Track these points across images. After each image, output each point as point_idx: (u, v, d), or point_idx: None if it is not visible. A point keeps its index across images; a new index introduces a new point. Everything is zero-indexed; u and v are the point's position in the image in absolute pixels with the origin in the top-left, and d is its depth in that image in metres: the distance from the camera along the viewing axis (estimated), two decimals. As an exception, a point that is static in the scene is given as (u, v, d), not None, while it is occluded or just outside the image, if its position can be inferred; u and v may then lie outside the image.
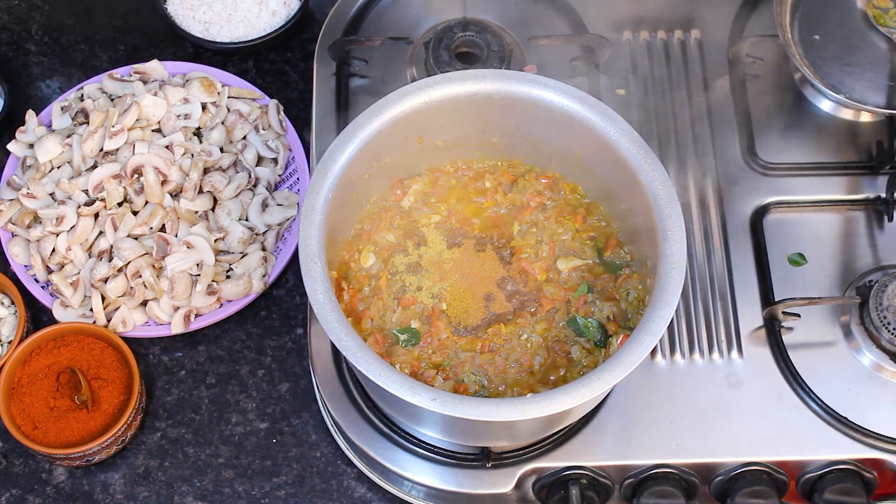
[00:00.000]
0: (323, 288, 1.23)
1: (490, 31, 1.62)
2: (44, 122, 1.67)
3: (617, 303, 1.35)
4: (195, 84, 1.65)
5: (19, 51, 1.79)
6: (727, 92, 1.63)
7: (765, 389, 1.45)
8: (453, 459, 1.42)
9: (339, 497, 1.51)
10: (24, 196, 1.57)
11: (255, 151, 1.64)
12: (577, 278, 1.38)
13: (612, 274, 1.38)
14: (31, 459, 1.52)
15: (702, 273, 1.52)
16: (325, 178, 1.30)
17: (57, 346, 1.51)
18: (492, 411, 1.18)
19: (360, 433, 1.44)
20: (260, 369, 1.58)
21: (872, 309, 1.45)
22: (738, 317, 1.49)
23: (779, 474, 1.41)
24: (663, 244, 1.26)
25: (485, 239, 1.41)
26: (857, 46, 1.58)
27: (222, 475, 1.52)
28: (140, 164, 1.55)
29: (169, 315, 1.55)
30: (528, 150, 1.43)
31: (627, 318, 1.35)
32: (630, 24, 1.68)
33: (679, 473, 1.41)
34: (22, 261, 1.59)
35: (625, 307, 1.35)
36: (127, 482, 1.51)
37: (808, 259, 1.53)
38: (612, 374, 1.19)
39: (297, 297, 1.62)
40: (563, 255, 1.39)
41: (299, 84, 1.76)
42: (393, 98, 1.33)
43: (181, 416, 1.55)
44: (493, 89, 1.34)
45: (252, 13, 1.73)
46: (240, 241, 1.57)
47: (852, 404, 1.44)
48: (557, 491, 1.40)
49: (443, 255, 1.39)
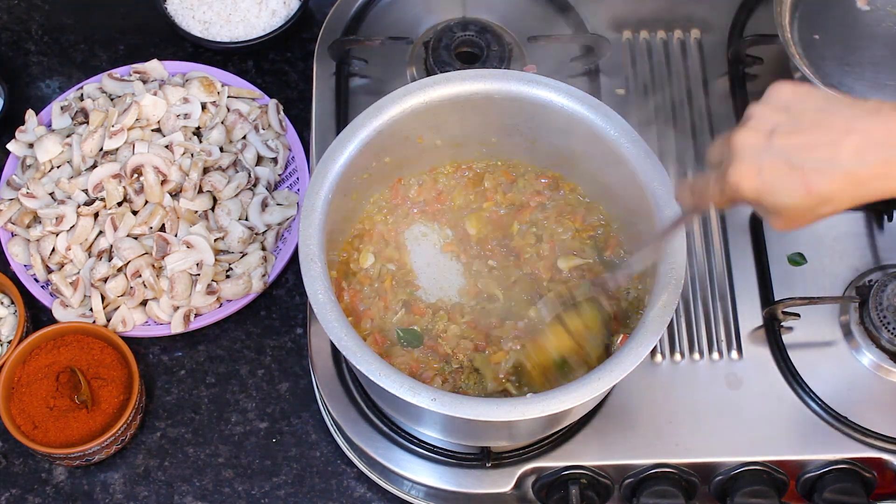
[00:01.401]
0: (323, 288, 1.23)
1: (490, 31, 1.62)
2: (44, 121, 1.67)
3: (617, 301, 1.35)
4: (195, 84, 1.65)
5: (19, 51, 1.79)
6: (727, 92, 1.63)
7: (765, 389, 1.45)
8: (453, 459, 1.42)
9: (338, 497, 1.51)
10: (23, 196, 1.57)
11: (255, 151, 1.64)
12: (578, 277, 1.38)
13: (613, 273, 1.38)
14: (31, 459, 1.52)
15: (702, 273, 1.52)
16: (324, 179, 1.30)
17: (57, 346, 1.51)
18: (491, 411, 1.18)
19: (359, 433, 1.44)
20: (260, 369, 1.58)
21: (872, 309, 1.45)
22: (737, 317, 1.49)
23: (778, 474, 1.41)
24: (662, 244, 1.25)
25: (484, 239, 1.41)
26: (857, 46, 1.58)
27: (222, 475, 1.52)
28: (140, 164, 1.55)
29: (169, 315, 1.55)
30: (527, 150, 1.43)
31: (628, 317, 1.35)
32: (630, 24, 1.68)
33: (679, 473, 1.40)
34: (22, 260, 1.59)
35: (625, 306, 1.35)
36: (127, 482, 1.51)
37: (808, 259, 1.53)
38: (611, 375, 1.19)
39: (297, 297, 1.62)
40: (563, 254, 1.39)
41: (299, 84, 1.76)
42: (392, 98, 1.33)
43: (181, 416, 1.55)
44: (493, 89, 1.34)
45: (252, 13, 1.73)
46: (240, 240, 1.57)
47: (852, 404, 1.44)
48: (557, 491, 1.40)
49: (441, 258, 1.40)
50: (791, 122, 1.03)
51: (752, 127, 1.05)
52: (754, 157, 1.03)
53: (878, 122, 1.01)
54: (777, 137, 1.03)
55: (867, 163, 1.00)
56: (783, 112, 1.04)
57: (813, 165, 1.01)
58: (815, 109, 1.03)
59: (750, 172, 1.04)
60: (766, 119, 1.04)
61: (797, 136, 1.02)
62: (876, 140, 1.00)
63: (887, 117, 1.01)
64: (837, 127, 1.01)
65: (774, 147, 1.03)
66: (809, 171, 1.01)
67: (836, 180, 1.01)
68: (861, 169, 1.00)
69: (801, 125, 1.03)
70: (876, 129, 1.01)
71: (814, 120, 1.03)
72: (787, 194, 1.02)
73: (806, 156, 1.01)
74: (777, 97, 1.06)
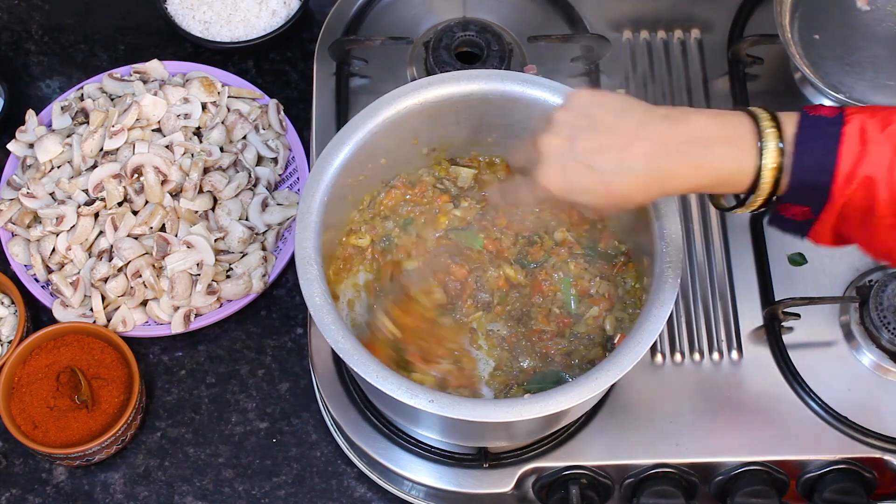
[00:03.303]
0: (319, 290, 1.23)
1: (490, 31, 1.62)
2: (44, 121, 1.67)
3: (613, 286, 1.35)
4: (195, 84, 1.65)
5: (19, 51, 1.79)
6: (727, 92, 1.63)
7: (765, 389, 1.45)
8: (453, 459, 1.42)
9: (338, 497, 1.51)
10: (24, 196, 1.57)
11: (255, 151, 1.64)
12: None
13: (608, 263, 1.38)
14: (31, 459, 1.53)
15: (702, 273, 1.52)
16: (320, 181, 1.30)
17: (57, 346, 1.51)
18: (489, 412, 1.18)
19: (360, 433, 1.44)
20: (260, 369, 1.58)
21: (872, 309, 1.45)
22: (738, 316, 1.49)
23: (779, 474, 1.41)
24: (659, 243, 1.25)
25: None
26: (857, 46, 1.58)
27: (222, 475, 1.52)
28: (140, 164, 1.55)
29: (169, 315, 1.55)
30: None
31: (625, 303, 1.35)
32: (630, 23, 1.68)
33: (679, 473, 1.40)
34: (22, 260, 1.59)
35: (622, 294, 1.36)
36: (127, 482, 1.51)
37: (808, 259, 1.52)
38: (609, 375, 1.19)
39: (297, 297, 1.62)
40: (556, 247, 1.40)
41: (299, 84, 1.76)
42: (387, 99, 1.33)
43: (181, 416, 1.55)
44: (489, 89, 1.34)
45: (252, 13, 1.73)
46: (240, 240, 1.57)
47: (852, 404, 1.44)
48: (557, 490, 1.40)
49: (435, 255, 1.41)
50: (590, 126, 1.10)
51: (556, 132, 1.11)
52: (558, 160, 1.11)
53: (666, 129, 1.09)
54: (577, 141, 1.10)
55: (654, 166, 1.08)
56: (585, 117, 1.11)
57: (608, 168, 1.09)
58: (612, 113, 1.11)
59: (556, 174, 1.11)
60: (569, 124, 1.11)
61: (594, 140, 1.09)
62: (662, 144, 1.08)
63: (674, 122, 1.09)
64: (629, 132, 1.09)
65: (576, 150, 1.10)
66: (605, 172, 1.09)
67: (629, 182, 1.09)
68: (650, 172, 1.09)
69: (599, 129, 1.10)
70: (663, 134, 1.09)
71: (610, 124, 1.10)
72: (590, 193, 1.11)
73: (602, 159, 1.09)
74: (577, 102, 1.13)
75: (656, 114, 1.10)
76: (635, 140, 1.08)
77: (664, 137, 1.08)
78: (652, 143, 1.08)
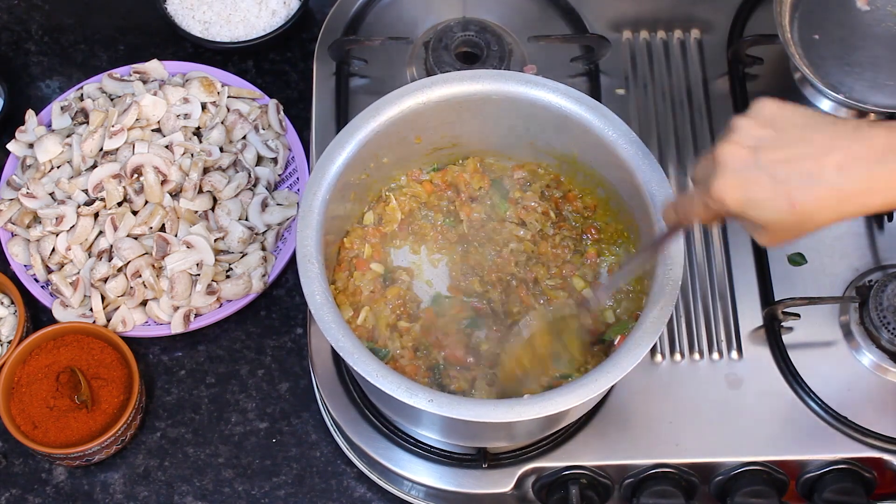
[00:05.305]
0: (320, 289, 1.23)
1: (490, 31, 1.62)
2: (44, 121, 1.67)
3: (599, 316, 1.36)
4: (195, 84, 1.65)
5: (19, 51, 1.79)
6: (727, 92, 1.63)
7: (764, 389, 1.45)
8: (453, 459, 1.42)
9: (338, 497, 1.51)
10: (23, 196, 1.57)
11: (255, 151, 1.64)
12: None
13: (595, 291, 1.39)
14: (31, 459, 1.53)
15: (702, 273, 1.52)
16: (322, 180, 1.30)
17: (57, 346, 1.51)
18: (488, 412, 1.18)
19: (359, 433, 1.44)
20: (260, 369, 1.58)
21: (872, 309, 1.45)
22: (737, 317, 1.49)
23: (778, 474, 1.41)
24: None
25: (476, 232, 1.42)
26: (856, 46, 1.58)
27: (222, 475, 1.52)
28: (140, 164, 1.55)
29: (169, 315, 1.55)
30: (525, 151, 1.43)
31: (604, 331, 1.35)
32: (630, 24, 1.68)
33: (679, 473, 1.40)
34: (22, 260, 1.59)
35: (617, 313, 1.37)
36: (127, 482, 1.51)
37: (808, 259, 1.52)
38: (609, 375, 1.19)
39: (297, 297, 1.62)
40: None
41: (299, 84, 1.76)
42: (390, 99, 1.33)
43: (181, 416, 1.55)
44: (491, 90, 1.34)
45: (252, 13, 1.73)
46: (240, 240, 1.57)
47: (852, 404, 1.44)
48: (557, 491, 1.40)
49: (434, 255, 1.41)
50: (775, 137, 1.03)
51: (736, 141, 1.05)
52: (739, 171, 1.03)
53: (858, 140, 1.02)
54: (762, 152, 1.03)
55: (851, 178, 1.01)
56: (768, 127, 1.05)
57: (797, 180, 1.01)
58: (798, 126, 1.04)
59: (735, 186, 1.03)
60: (751, 133, 1.04)
61: (782, 151, 1.03)
62: (857, 156, 1.01)
63: (867, 134, 1.02)
64: (820, 143, 1.02)
65: (759, 161, 1.03)
66: (794, 185, 1.01)
67: (820, 195, 1.01)
68: (845, 184, 1.01)
69: (786, 140, 1.03)
70: (857, 146, 1.01)
71: (798, 136, 1.03)
72: (772, 209, 1.03)
73: (790, 170, 1.02)
74: (761, 112, 1.06)
75: (846, 126, 1.03)
76: (828, 151, 1.01)
77: (859, 149, 1.01)
78: (846, 155, 1.01)
